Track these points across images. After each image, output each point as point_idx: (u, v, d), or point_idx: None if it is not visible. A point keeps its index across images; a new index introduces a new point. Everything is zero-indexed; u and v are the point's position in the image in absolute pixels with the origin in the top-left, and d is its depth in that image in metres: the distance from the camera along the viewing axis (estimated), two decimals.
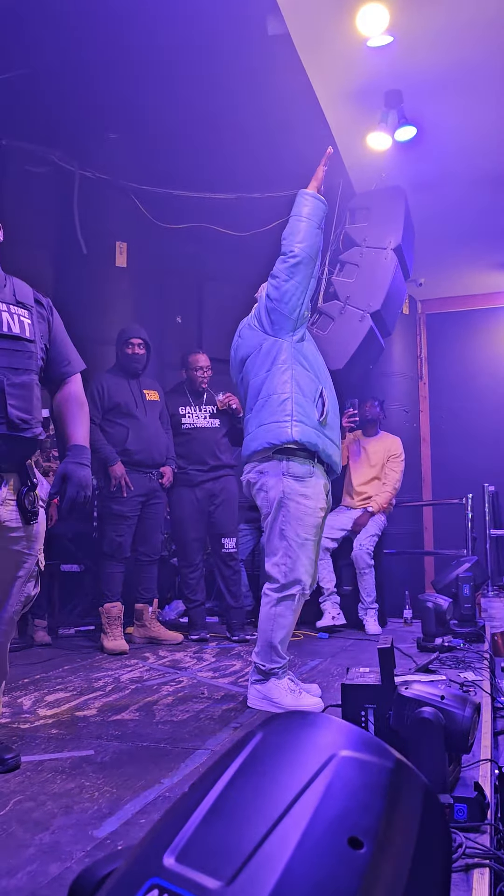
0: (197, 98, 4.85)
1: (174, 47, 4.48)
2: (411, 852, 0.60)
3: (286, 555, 2.83)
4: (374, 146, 4.54)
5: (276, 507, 2.86)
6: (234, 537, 4.67)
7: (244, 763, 0.66)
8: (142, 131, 5.42)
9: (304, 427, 2.84)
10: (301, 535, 2.84)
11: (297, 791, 0.61)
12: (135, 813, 1.85)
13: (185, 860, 0.56)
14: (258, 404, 2.95)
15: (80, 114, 5.16)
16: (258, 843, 0.57)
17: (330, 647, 4.37)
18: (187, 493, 4.57)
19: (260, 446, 2.89)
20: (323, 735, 0.69)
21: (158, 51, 4.50)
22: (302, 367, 2.94)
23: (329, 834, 0.58)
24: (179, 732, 2.55)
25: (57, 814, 1.84)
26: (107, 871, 0.64)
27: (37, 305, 2.33)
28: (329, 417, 2.93)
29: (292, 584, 2.83)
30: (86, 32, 4.36)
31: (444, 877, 0.64)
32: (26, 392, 2.15)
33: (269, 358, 2.95)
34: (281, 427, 2.84)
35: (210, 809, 0.61)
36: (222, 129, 5.13)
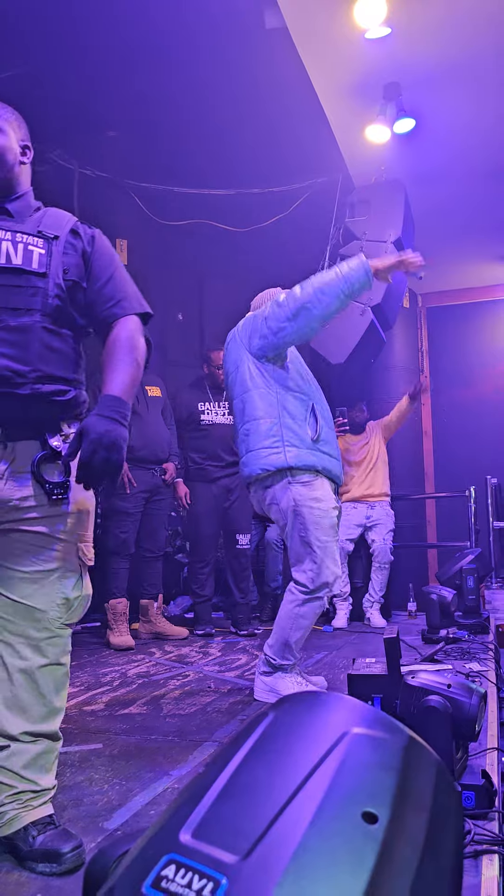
0: (195, 94, 4.85)
1: (172, 43, 4.48)
2: (425, 826, 0.61)
3: (312, 561, 2.81)
4: (373, 139, 4.54)
5: (291, 516, 2.84)
6: (248, 534, 4.69)
7: (257, 742, 0.67)
8: (140, 128, 5.41)
9: (298, 450, 2.82)
10: (321, 538, 2.82)
11: (310, 767, 0.62)
12: (144, 804, 1.86)
13: (201, 836, 0.57)
14: (244, 428, 2.93)
15: (79, 111, 5.16)
16: (273, 818, 0.57)
17: (335, 641, 4.38)
18: (203, 489, 4.58)
19: (255, 472, 2.87)
20: (335, 713, 0.70)
21: (156, 47, 4.50)
22: (288, 388, 2.89)
23: (343, 809, 0.59)
24: (187, 725, 2.56)
25: (67, 806, 1.85)
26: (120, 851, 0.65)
27: (70, 236, 1.85)
28: (323, 433, 2.89)
29: (321, 588, 2.82)
30: (83, 30, 4.36)
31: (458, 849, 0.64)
32: (24, 337, 1.68)
33: (249, 379, 2.91)
34: (274, 453, 2.82)
35: (225, 787, 0.61)
36: (221, 125, 5.13)
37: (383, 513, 5.20)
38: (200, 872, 0.54)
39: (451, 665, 3.06)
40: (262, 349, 2.90)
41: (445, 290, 7.56)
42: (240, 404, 2.95)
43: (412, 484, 6.78)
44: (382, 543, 5.07)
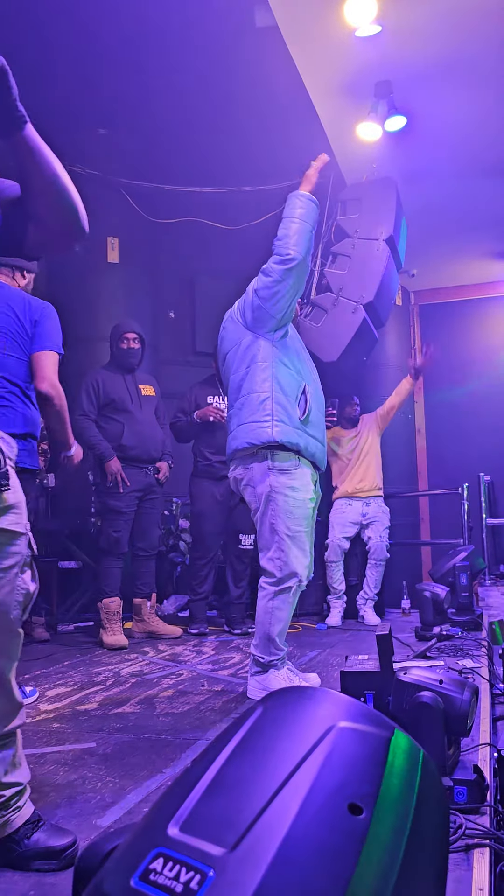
0: (186, 92, 4.85)
1: (163, 41, 4.48)
2: (410, 817, 0.62)
3: (279, 548, 2.83)
4: (365, 137, 4.55)
5: (264, 501, 2.86)
6: (252, 534, 4.68)
7: (245, 737, 0.67)
8: (131, 126, 5.41)
9: (285, 427, 2.82)
10: (292, 528, 2.83)
11: (297, 761, 0.62)
12: (137, 802, 1.86)
13: (188, 830, 0.57)
14: (238, 402, 2.93)
15: (69, 109, 5.15)
16: (260, 811, 0.58)
17: (328, 638, 4.39)
18: (209, 487, 4.56)
19: (241, 445, 2.88)
20: (322, 707, 0.70)
21: (147, 45, 4.50)
22: (283, 364, 2.90)
23: (329, 801, 0.59)
24: (180, 724, 2.56)
25: (60, 804, 1.85)
26: (111, 846, 0.65)
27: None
28: (312, 415, 2.90)
29: (288, 578, 2.83)
30: (74, 28, 4.36)
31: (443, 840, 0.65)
32: None
33: (249, 355, 2.92)
34: (262, 427, 2.83)
35: (212, 782, 0.62)
36: (212, 123, 5.13)
37: (379, 510, 5.20)
38: (188, 865, 0.54)
39: (444, 662, 3.08)
40: (258, 320, 2.93)
41: (438, 288, 7.58)
42: (237, 380, 2.95)
43: (405, 481, 6.80)
44: (379, 541, 5.08)
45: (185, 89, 4.84)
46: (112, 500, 4.27)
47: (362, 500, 5.20)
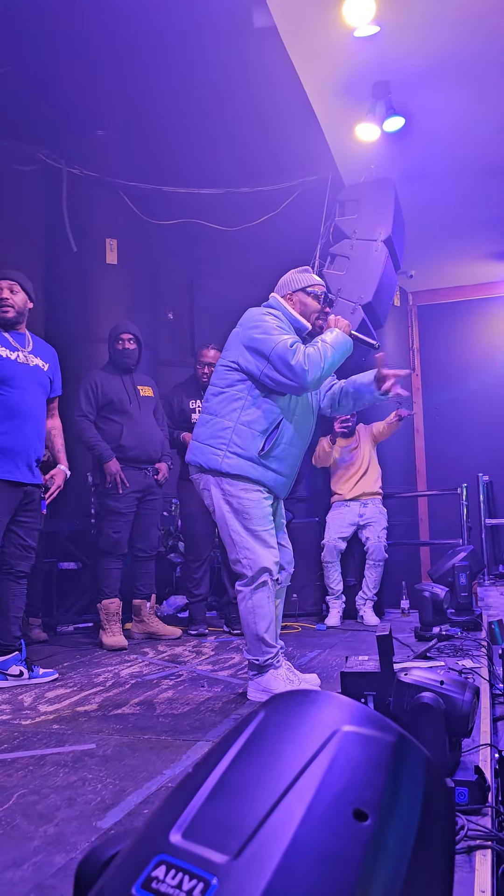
0: (184, 93, 4.85)
1: (161, 43, 4.47)
2: (416, 823, 0.61)
3: (244, 548, 2.85)
4: (363, 137, 4.55)
5: (220, 505, 2.88)
6: None
7: (248, 741, 0.67)
8: (129, 127, 5.41)
9: (239, 460, 2.83)
10: (251, 527, 2.84)
11: (301, 766, 0.62)
12: (138, 804, 1.85)
13: (191, 836, 0.57)
14: (203, 417, 2.98)
15: (67, 111, 5.15)
16: (263, 817, 0.57)
17: (328, 639, 4.38)
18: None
19: (192, 461, 2.95)
20: (325, 711, 0.70)
21: (145, 46, 4.49)
22: (262, 397, 2.86)
23: (333, 807, 0.59)
24: (180, 725, 2.56)
25: (61, 806, 1.84)
26: (112, 851, 0.64)
27: None
28: (279, 450, 2.87)
29: (260, 574, 2.83)
30: (72, 30, 4.35)
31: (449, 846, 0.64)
32: None
33: (233, 377, 2.91)
34: (214, 454, 2.85)
35: (215, 787, 0.61)
36: (210, 124, 5.13)
37: (376, 510, 5.21)
38: (191, 873, 0.53)
39: (444, 662, 3.07)
40: (253, 376, 2.88)
41: (436, 289, 7.58)
42: (211, 394, 2.98)
43: (404, 482, 6.80)
44: (377, 541, 5.09)
45: (183, 90, 4.83)
46: (111, 501, 4.26)
47: (360, 502, 5.21)
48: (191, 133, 5.24)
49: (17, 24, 4.29)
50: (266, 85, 4.54)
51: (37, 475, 3.41)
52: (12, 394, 3.30)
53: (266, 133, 5.04)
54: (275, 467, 2.88)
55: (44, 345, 3.60)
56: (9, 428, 3.28)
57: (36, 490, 3.42)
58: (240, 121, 5.01)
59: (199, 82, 4.74)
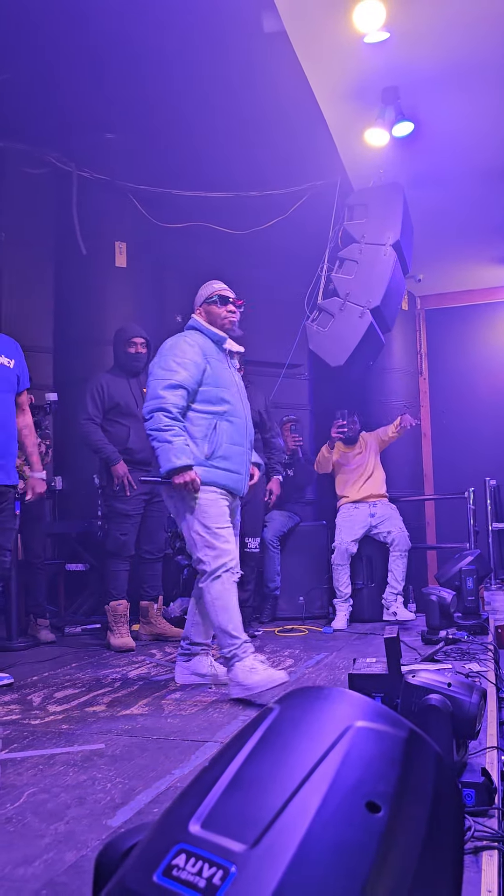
0: (193, 97, 4.88)
1: (171, 46, 4.50)
2: (426, 815, 0.63)
3: (205, 545, 3.01)
4: (372, 142, 4.57)
5: (180, 506, 3.07)
6: (257, 537, 4.70)
7: (263, 736, 0.68)
8: (139, 131, 5.44)
9: (203, 469, 3.03)
10: (210, 525, 3.01)
11: (315, 760, 0.63)
12: (147, 803, 1.87)
13: (209, 826, 0.59)
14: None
15: (77, 114, 5.18)
16: (280, 808, 0.59)
17: (335, 642, 4.39)
18: None
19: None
20: (338, 707, 0.71)
21: (155, 50, 4.52)
22: (193, 409, 3.10)
23: (347, 799, 0.60)
24: (188, 726, 2.57)
25: (71, 804, 1.86)
26: (130, 843, 0.66)
27: None
28: (224, 450, 3.08)
29: (217, 569, 2.98)
30: (81, 33, 4.38)
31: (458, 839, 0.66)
32: None
33: None
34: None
35: (232, 780, 0.63)
36: (219, 128, 5.15)
37: (387, 508, 5.23)
38: (210, 861, 0.55)
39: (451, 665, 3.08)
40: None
41: (444, 293, 7.59)
42: None
43: (411, 486, 6.81)
44: (399, 532, 5.09)
45: (192, 94, 4.86)
46: (119, 504, 4.29)
47: (368, 503, 5.22)
48: (200, 137, 5.26)
49: (27, 28, 4.33)
50: (275, 89, 4.56)
51: (10, 475, 3.39)
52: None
53: (275, 137, 5.06)
54: (223, 466, 3.08)
55: (5, 340, 3.54)
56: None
57: (9, 490, 3.40)
58: (249, 125, 5.04)
59: (209, 86, 4.77)
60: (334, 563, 5.14)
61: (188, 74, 4.70)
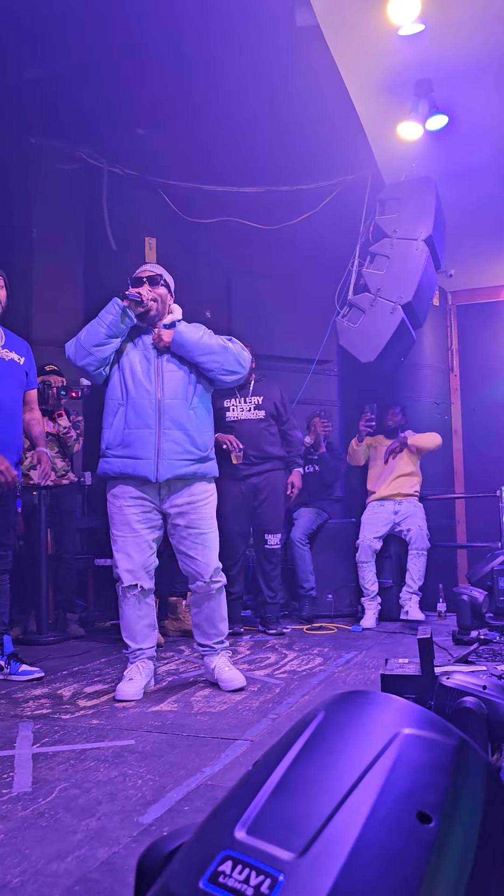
0: (224, 92, 4.86)
1: (201, 41, 4.49)
2: (477, 827, 0.61)
3: (114, 552, 3.09)
4: (405, 136, 4.51)
5: None
6: (277, 533, 4.66)
7: (309, 740, 0.67)
8: (169, 126, 5.43)
9: (101, 461, 3.12)
10: (114, 533, 3.08)
11: (363, 767, 0.62)
12: (178, 801, 1.87)
13: (256, 833, 0.57)
14: None
15: (108, 110, 5.19)
16: (328, 816, 0.57)
17: (364, 641, 4.36)
18: (231, 487, 4.53)
19: None
20: (385, 713, 0.70)
21: (185, 45, 4.51)
22: (106, 398, 3.15)
23: (398, 808, 0.58)
24: (218, 723, 2.57)
25: (102, 801, 1.86)
26: (173, 845, 0.65)
27: None
28: (117, 436, 3.05)
29: (117, 581, 3.07)
30: (112, 29, 4.39)
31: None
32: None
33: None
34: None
35: (278, 785, 0.62)
36: (250, 123, 5.13)
37: (412, 506, 5.16)
38: (257, 869, 0.54)
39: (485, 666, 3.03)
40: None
41: (476, 288, 7.48)
42: None
43: (441, 484, 6.73)
44: (418, 530, 5.03)
45: (223, 89, 4.84)
46: None
47: (394, 500, 5.17)
48: (230, 131, 5.24)
49: (59, 25, 4.34)
50: (307, 83, 4.53)
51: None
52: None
53: (306, 132, 5.02)
54: (119, 453, 3.05)
55: (17, 339, 3.57)
56: None
57: (10, 488, 3.39)
58: (280, 119, 5.00)
59: (240, 81, 4.75)
60: (358, 561, 5.10)
61: (219, 70, 4.68)
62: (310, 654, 3.91)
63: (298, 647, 4.10)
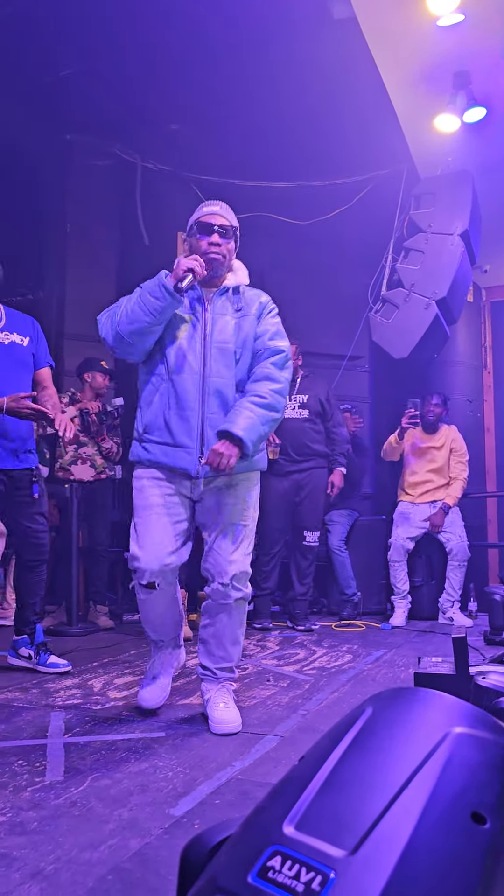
0: (258, 87, 4.84)
1: (236, 36, 4.47)
2: None
3: (131, 543, 2.60)
4: (442, 129, 4.46)
5: None
6: (317, 531, 4.64)
7: (357, 736, 0.65)
8: (203, 121, 5.43)
9: (134, 444, 2.56)
10: (135, 518, 2.58)
11: (414, 766, 0.60)
12: (209, 793, 1.87)
13: (305, 829, 0.56)
14: None
15: (141, 106, 5.20)
16: (379, 815, 0.56)
17: (394, 638, 4.33)
18: (274, 482, 4.52)
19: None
20: (434, 711, 0.68)
21: (220, 40, 4.50)
22: (146, 372, 2.56)
23: (451, 808, 0.57)
24: (248, 718, 2.56)
25: (133, 791, 1.87)
26: (217, 839, 0.64)
27: None
28: (156, 419, 2.49)
29: (134, 572, 2.58)
30: (145, 25, 4.39)
31: None
32: None
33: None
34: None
35: (326, 781, 0.60)
36: (284, 118, 5.10)
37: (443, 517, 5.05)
38: (308, 865, 0.53)
39: None
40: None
41: None
42: None
43: (473, 482, 6.64)
44: (459, 541, 4.94)
45: (257, 84, 4.82)
46: None
47: (429, 503, 5.08)
48: (264, 126, 5.22)
49: (92, 22, 4.36)
50: (343, 77, 4.49)
51: (23, 460, 3.23)
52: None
53: (341, 126, 4.98)
54: (155, 438, 2.48)
55: (20, 317, 3.33)
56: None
57: (24, 475, 3.24)
58: (314, 114, 4.97)
59: (274, 75, 4.72)
60: (391, 560, 5.04)
61: (254, 63, 4.66)
62: (339, 650, 3.89)
63: (327, 644, 4.08)
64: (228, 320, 2.54)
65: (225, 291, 2.58)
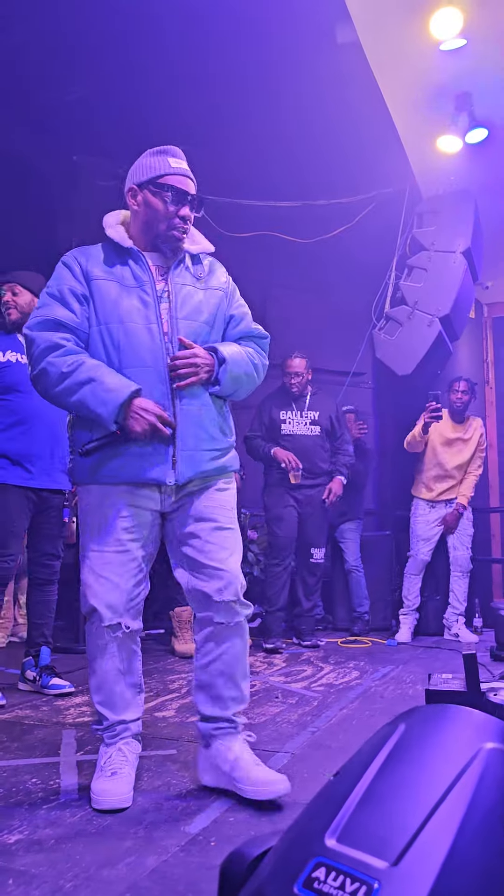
0: (263, 107, 4.91)
1: (241, 58, 4.54)
2: None
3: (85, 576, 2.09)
4: (444, 149, 4.52)
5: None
6: (322, 548, 4.65)
7: (392, 752, 0.68)
8: (208, 141, 5.50)
9: (77, 460, 2.12)
10: (89, 548, 2.07)
11: (449, 781, 0.62)
12: (223, 811, 1.87)
13: (346, 841, 0.58)
14: None
15: (147, 127, 5.26)
16: (419, 827, 0.58)
17: (400, 655, 4.33)
18: (285, 493, 4.55)
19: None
20: (466, 727, 0.70)
21: (225, 61, 4.57)
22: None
23: (487, 823, 0.59)
24: (258, 735, 2.56)
25: (149, 809, 1.88)
26: (257, 852, 0.66)
27: None
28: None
29: (90, 614, 2.08)
30: (150, 45, 4.46)
31: None
32: None
33: None
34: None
35: (365, 795, 0.62)
36: (287, 138, 5.17)
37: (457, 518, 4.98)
38: (352, 876, 0.55)
39: None
40: None
41: None
42: None
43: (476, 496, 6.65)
44: (464, 551, 4.90)
45: (261, 105, 4.89)
46: None
47: (445, 503, 4.96)
48: (268, 146, 5.29)
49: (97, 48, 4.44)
50: (346, 99, 4.56)
51: (57, 480, 3.25)
52: (23, 399, 3.15)
53: (344, 146, 5.05)
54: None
55: None
56: (20, 433, 3.16)
57: (54, 496, 3.29)
58: (318, 134, 5.04)
59: (279, 97, 4.79)
60: (407, 573, 4.96)
61: (259, 85, 4.73)
62: (346, 667, 3.89)
63: (334, 661, 4.08)
64: (193, 291, 2.14)
65: (182, 259, 2.17)
